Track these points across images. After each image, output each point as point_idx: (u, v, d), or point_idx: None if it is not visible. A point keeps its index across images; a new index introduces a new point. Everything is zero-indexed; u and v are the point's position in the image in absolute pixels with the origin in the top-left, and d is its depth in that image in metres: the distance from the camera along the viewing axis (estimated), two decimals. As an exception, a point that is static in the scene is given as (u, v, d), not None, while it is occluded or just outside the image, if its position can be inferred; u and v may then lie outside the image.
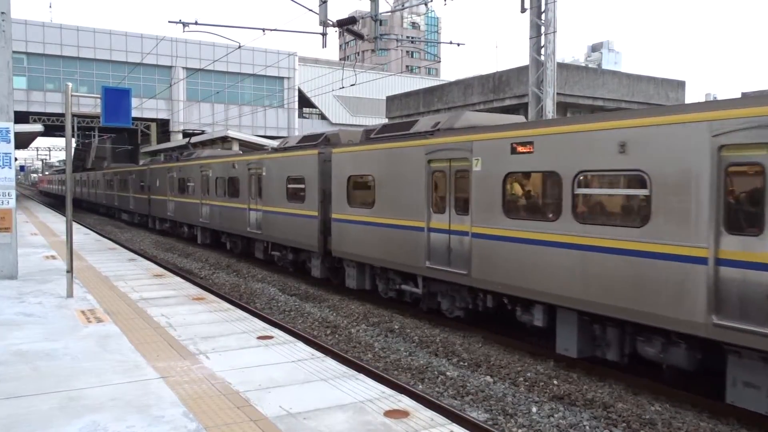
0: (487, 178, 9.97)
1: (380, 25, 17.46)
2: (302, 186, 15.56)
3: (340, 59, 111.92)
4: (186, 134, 52.44)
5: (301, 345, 7.43)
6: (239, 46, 23.09)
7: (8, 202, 11.33)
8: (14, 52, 13.93)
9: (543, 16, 15.76)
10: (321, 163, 14.86)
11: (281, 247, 17.36)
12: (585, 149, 8.41)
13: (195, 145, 37.92)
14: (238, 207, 19.53)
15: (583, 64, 76.65)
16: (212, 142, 40.06)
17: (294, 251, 16.81)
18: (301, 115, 63.64)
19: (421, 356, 9.87)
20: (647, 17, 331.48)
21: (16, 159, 13.18)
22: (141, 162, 43.15)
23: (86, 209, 51.55)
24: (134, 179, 33.56)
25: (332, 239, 14.36)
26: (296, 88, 59.97)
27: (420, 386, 8.52)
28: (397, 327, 11.61)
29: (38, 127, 33.96)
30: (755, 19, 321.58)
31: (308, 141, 16.33)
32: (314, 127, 64.15)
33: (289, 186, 16.23)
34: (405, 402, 5.52)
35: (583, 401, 7.89)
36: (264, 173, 17.68)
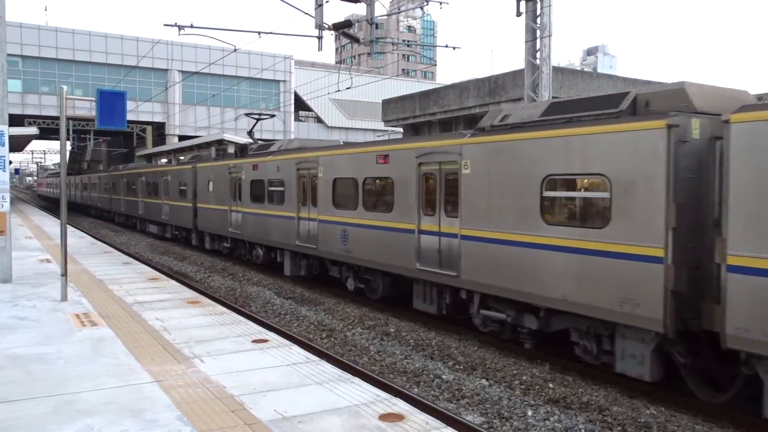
0: None
1: (376, 28, 17.50)
2: (601, 195, 8.40)
3: (336, 62, 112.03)
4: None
5: (296, 348, 7.42)
6: (235, 49, 23.04)
7: (2, 206, 11.29)
8: (9, 55, 13.90)
9: (538, 20, 15.81)
10: (674, 148, 7.48)
11: (513, 305, 10.01)
12: None
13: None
14: (393, 228, 12.51)
15: (579, 68, 76.86)
16: (208, 145, 40.04)
17: (547, 315, 9.46)
18: (297, 119, 63.70)
19: (417, 360, 9.86)
20: (643, 21, 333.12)
21: (10, 162, 13.14)
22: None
23: (98, 217, 45.74)
24: (170, 182, 26.30)
25: (729, 310, 6.88)
26: (292, 91, 60.04)
27: (415, 390, 8.52)
28: (392, 330, 11.60)
29: (33, 130, 33.94)
30: (752, 22, 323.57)
31: (583, 108, 9.09)
32: (310, 130, 64.30)
33: (549, 194, 9.19)
34: (400, 405, 5.52)
35: (579, 405, 7.90)
36: (466, 170, 10.69)
